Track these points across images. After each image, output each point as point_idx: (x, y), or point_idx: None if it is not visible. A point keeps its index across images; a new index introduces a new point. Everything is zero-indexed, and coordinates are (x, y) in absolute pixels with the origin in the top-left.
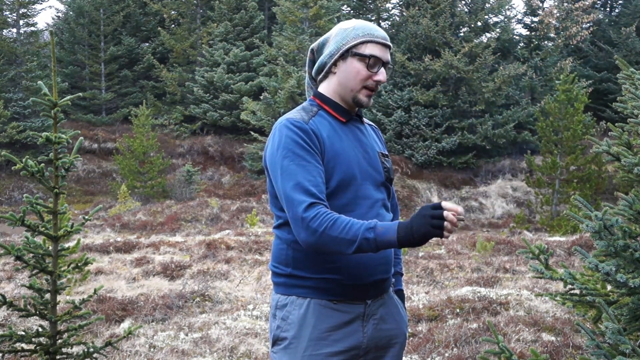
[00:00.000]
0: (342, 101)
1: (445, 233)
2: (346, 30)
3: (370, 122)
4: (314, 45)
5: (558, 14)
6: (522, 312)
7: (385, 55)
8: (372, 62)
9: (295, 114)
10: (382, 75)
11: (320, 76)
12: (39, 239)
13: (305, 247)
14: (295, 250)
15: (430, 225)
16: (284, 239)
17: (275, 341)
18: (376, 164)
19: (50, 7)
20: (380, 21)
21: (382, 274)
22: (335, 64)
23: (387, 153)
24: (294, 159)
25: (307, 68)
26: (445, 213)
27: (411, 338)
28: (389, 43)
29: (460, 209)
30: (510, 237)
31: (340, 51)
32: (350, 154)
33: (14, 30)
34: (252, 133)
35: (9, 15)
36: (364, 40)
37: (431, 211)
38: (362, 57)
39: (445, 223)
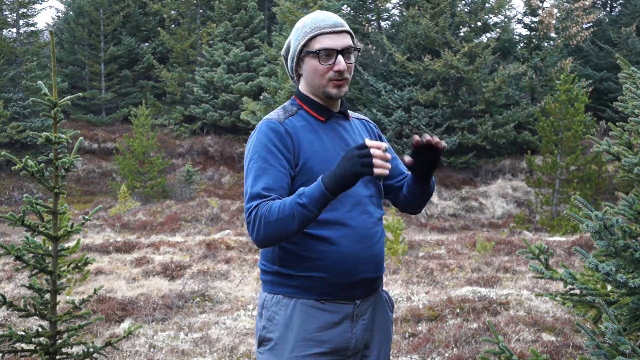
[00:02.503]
0: (318, 98)
1: (377, 170)
2: (297, 30)
3: (362, 117)
4: (283, 51)
5: (558, 14)
6: (522, 312)
7: (339, 42)
8: (325, 54)
9: (273, 114)
10: (340, 64)
11: (295, 78)
12: (39, 239)
13: (260, 247)
14: (282, 248)
15: (360, 165)
16: None
17: (261, 342)
18: None
19: (50, 7)
20: (380, 21)
21: (371, 272)
22: (298, 65)
23: None
24: (257, 161)
25: (287, 73)
26: (372, 150)
27: (411, 338)
28: (342, 28)
29: (383, 144)
30: (510, 237)
31: (296, 53)
32: (331, 151)
33: (14, 30)
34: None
35: (9, 15)
36: (312, 35)
37: (357, 151)
38: (314, 54)
39: (375, 160)
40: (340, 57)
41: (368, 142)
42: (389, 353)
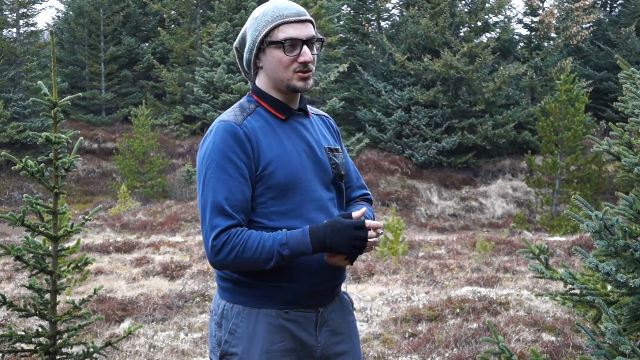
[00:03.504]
0: (280, 94)
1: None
2: (256, 20)
3: (321, 113)
4: (236, 43)
5: (558, 14)
6: (522, 312)
7: (304, 32)
8: (290, 45)
9: (230, 114)
10: (306, 55)
11: (252, 72)
12: (38, 239)
13: (217, 269)
14: None
15: (351, 246)
16: None
17: (224, 356)
18: (323, 161)
19: (50, 7)
20: (380, 21)
21: (336, 279)
22: (257, 57)
23: (337, 147)
24: (215, 171)
25: (240, 67)
26: (369, 233)
27: (411, 338)
28: (306, 17)
29: (380, 224)
30: (510, 237)
31: (256, 44)
32: (292, 154)
33: (14, 30)
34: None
35: (9, 15)
36: (275, 24)
37: (355, 232)
38: (278, 44)
39: (368, 241)
40: (305, 48)
41: (368, 222)
42: (360, 355)
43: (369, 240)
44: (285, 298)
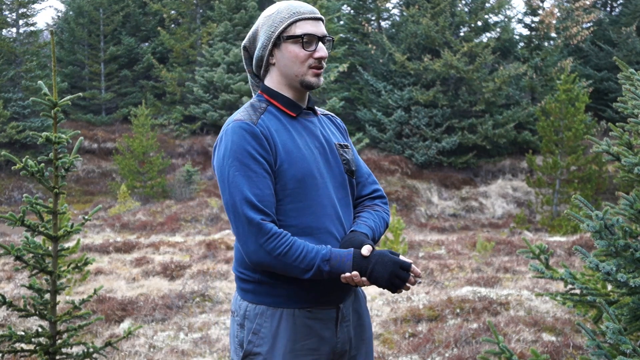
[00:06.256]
0: (291, 91)
1: (396, 291)
2: (271, 17)
3: (327, 112)
4: (245, 41)
5: (558, 14)
6: (523, 312)
7: (319, 29)
8: (307, 40)
9: (243, 113)
10: (322, 50)
11: (262, 71)
12: (38, 239)
13: (252, 264)
14: None
15: (390, 283)
16: None
17: (247, 356)
18: (334, 158)
19: (50, 7)
20: (381, 21)
21: None
22: (271, 54)
23: (346, 144)
24: (239, 168)
25: (246, 67)
26: (411, 277)
27: (411, 338)
28: (319, 16)
29: (420, 272)
30: (511, 237)
31: (272, 39)
32: (305, 151)
33: (14, 30)
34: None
35: (9, 15)
36: (292, 20)
37: (399, 271)
38: (296, 39)
39: (406, 284)
40: (321, 44)
41: (414, 268)
42: (372, 348)
43: (407, 283)
44: (308, 297)
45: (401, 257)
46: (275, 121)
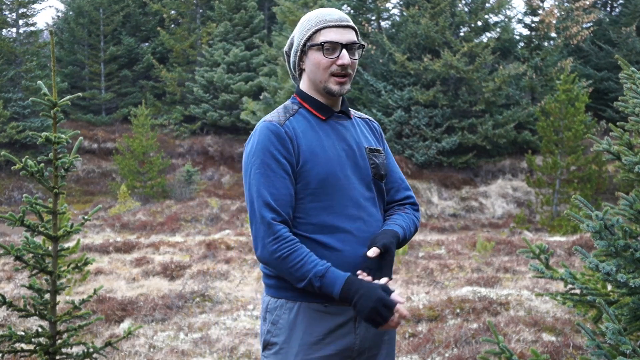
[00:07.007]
0: (320, 96)
1: (381, 327)
2: (303, 24)
3: (364, 116)
4: (286, 47)
5: (558, 14)
6: (523, 312)
7: (345, 37)
8: (329, 48)
9: (274, 114)
10: (344, 58)
11: (297, 75)
12: (38, 239)
13: (258, 259)
14: None
15: (369, 318)
16: None
17: (266, 346)
18: (363, 161)
19: (50, 7)
20: (381, 21)
21: (374, 277)
22: (301, 60)
23: (379, 148)
24: (260, 167)
25: (289, 71)
26: (395, 316)
27: (411, 338)
28: (347, 23)
29: (408, 314)
30: (511, 237)
31: (300, 47)
32: (331, 152)
33: (14, 30)
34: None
35: (9, 15)
36: (317, 28)
37: (381, 308)
38: (318, 47)
39: (388, 322)
40: (344, 51)
41: (399, 308)
42: (394, 350)
43: (389, 322)
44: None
45: (393, 295)
46: (304, 123)
